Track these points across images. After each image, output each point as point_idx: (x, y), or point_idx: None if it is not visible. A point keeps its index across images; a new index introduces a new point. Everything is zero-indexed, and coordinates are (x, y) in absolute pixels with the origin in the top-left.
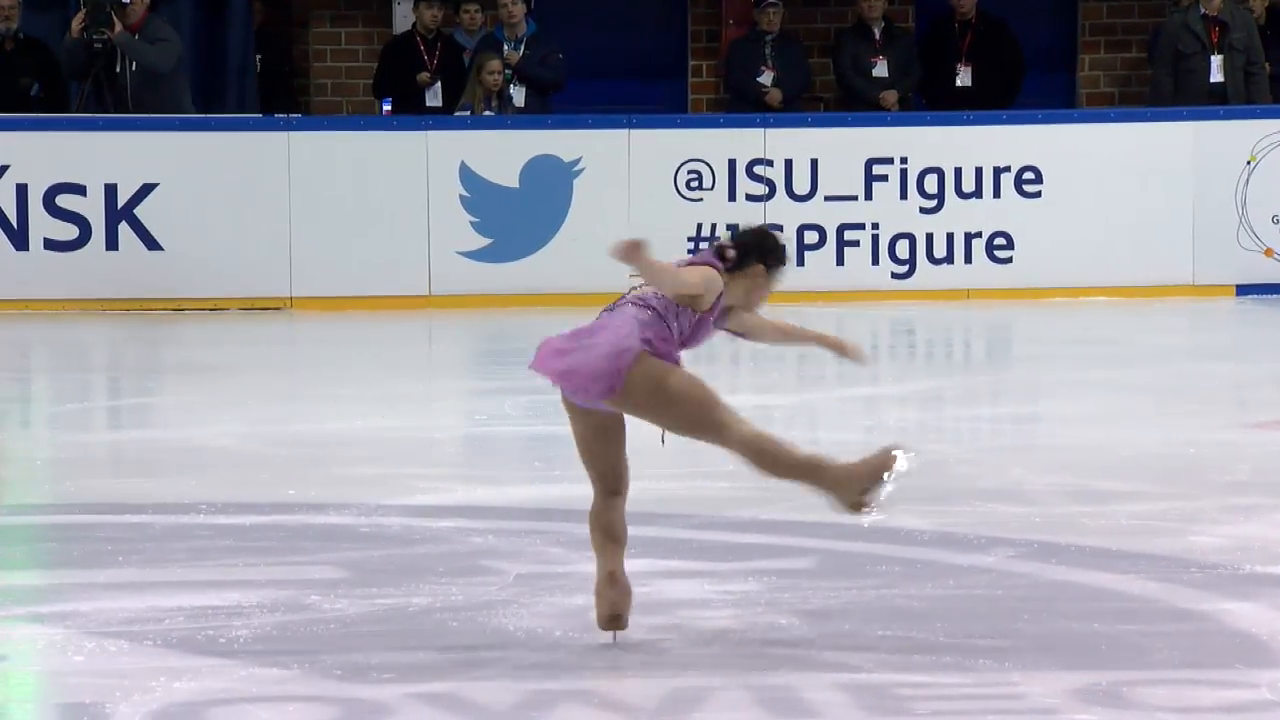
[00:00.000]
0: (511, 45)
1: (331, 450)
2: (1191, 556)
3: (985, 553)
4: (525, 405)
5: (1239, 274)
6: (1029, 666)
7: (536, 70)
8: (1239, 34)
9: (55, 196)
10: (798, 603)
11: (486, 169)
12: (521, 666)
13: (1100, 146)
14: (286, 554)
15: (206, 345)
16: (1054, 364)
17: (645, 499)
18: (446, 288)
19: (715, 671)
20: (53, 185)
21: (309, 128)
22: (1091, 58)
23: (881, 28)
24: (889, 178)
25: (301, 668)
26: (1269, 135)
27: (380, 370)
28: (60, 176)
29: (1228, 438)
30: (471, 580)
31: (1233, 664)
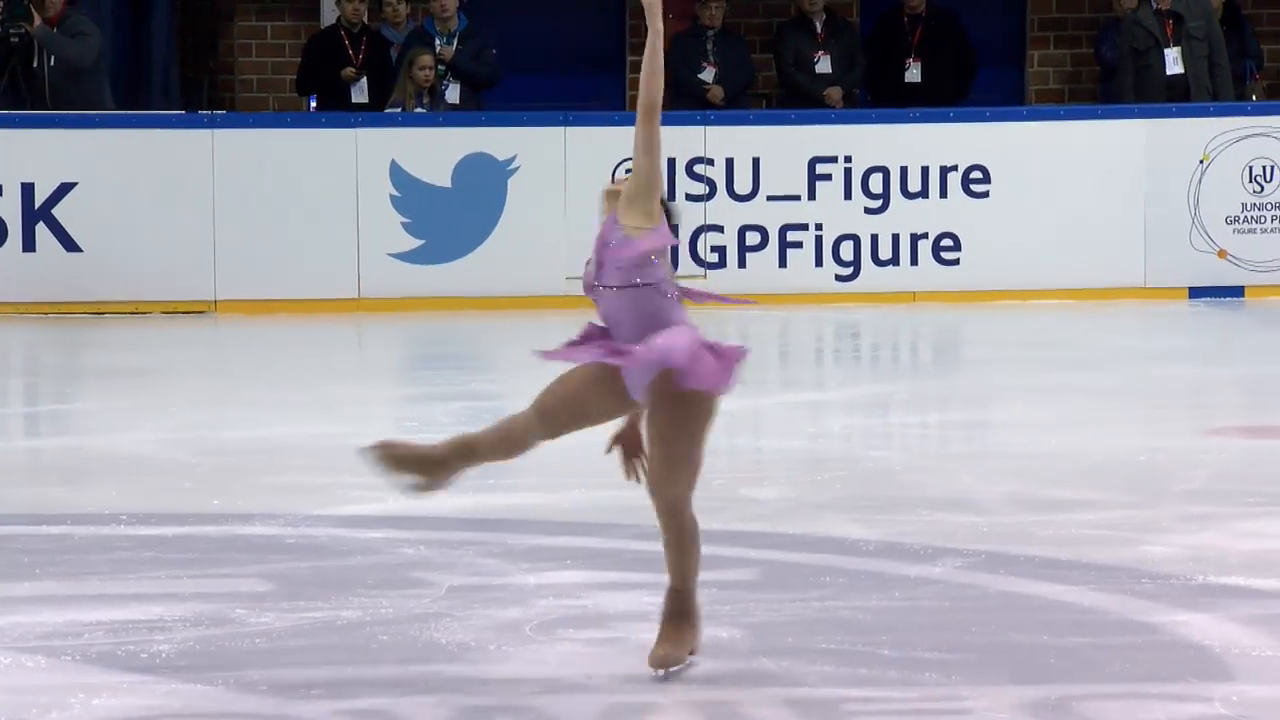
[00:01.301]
0: (444, 40)
1: (258, 458)
2: (1144, 567)
3: (933, 563)
4: (457, 412)
5: (1192, 276)
6: (977, 680)
7: (471, 66)
8: (1196, 23)
9: None
10: (739, 615)
11: (418, 168)
12: (455, 682)
13: (1050, 145)
14: (211, 566)
15: (128, 349)
16: (1003, 368)
17: (583, 509)
18: (376, 290)
19: (654, 687)
20: None
21: (234, 125)
22: (1041, 53)
23: (824, 20)
24: (833, 177)
25: (227, 684)
26: (1222, 134)
27: (308, 376)
28: None
29: (1182, 444)
30: (403, 593)
31: (1185, 677)
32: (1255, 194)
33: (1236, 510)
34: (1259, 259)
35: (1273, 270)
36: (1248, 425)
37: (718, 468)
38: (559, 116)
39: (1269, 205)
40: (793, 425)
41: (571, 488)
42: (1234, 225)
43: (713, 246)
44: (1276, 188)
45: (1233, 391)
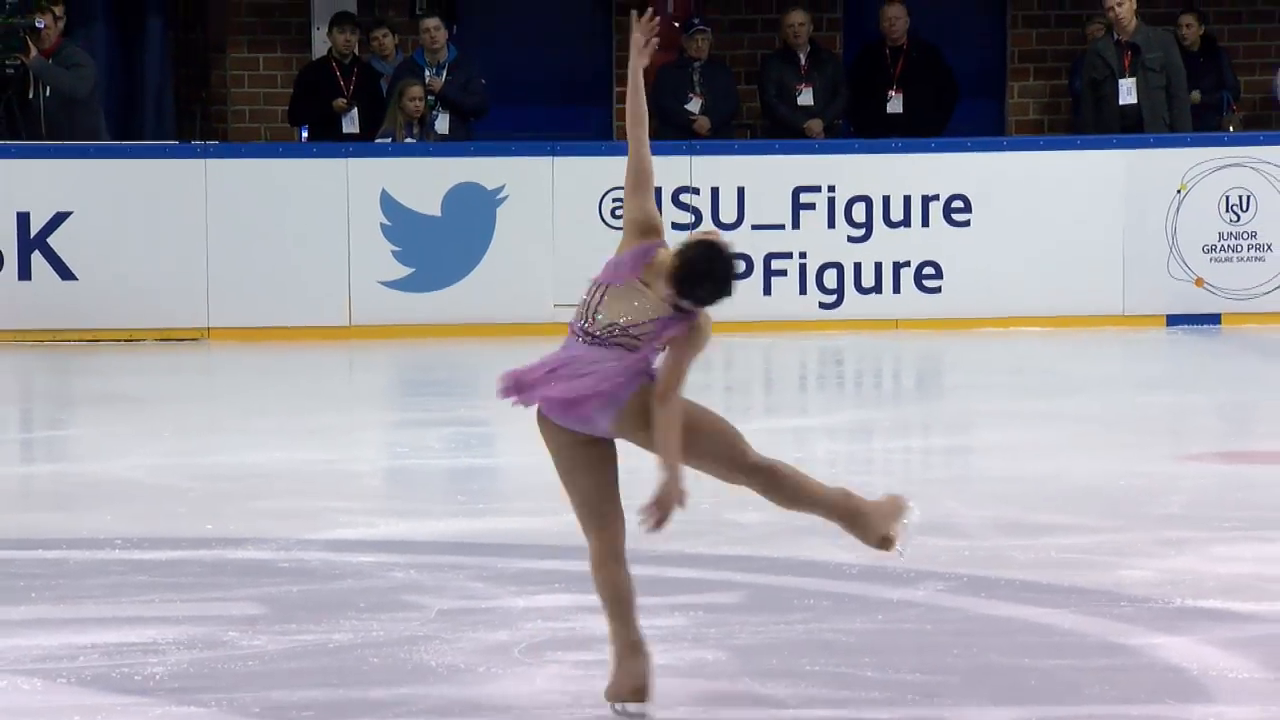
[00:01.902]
0: (433, 71)
1: (250, 483)
2: (1122, 590)
3: (915, 587)
4: (447, 437)
5: (1170, 304)
6: (958, 702)
7: (460, 96)
8: (1154, 54)
9: None
10: (724, 638)
11: (408, 197)
12: (445, 703)
13: (1030, 175)
14: (204, 590)
15: (122, 376)
16: (984, 395)
17: (570, 533)
18: (367, 318)
19: (641, 708)
20: None
21: (226, 155)
22: (1020, 85)
23: (808, 53)
24: (816, 206)
25: (219, 706)
26: (1200, 164)
27: (300, 402)
28: None
29: (1160, 470)
30: (393, 616)
31: (1163, 699)
32: (1232, 223)
33: (1213, 535)
34: (1236, 287)
35: (1249, 298)
36: (1224, 451)
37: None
38: (546, 147)
39: (1245, 234)
40: (777, 451)
41: (559, 512)
42: (1211, 254)
43: None
44: (1253, 217)
45: (1210, 418)
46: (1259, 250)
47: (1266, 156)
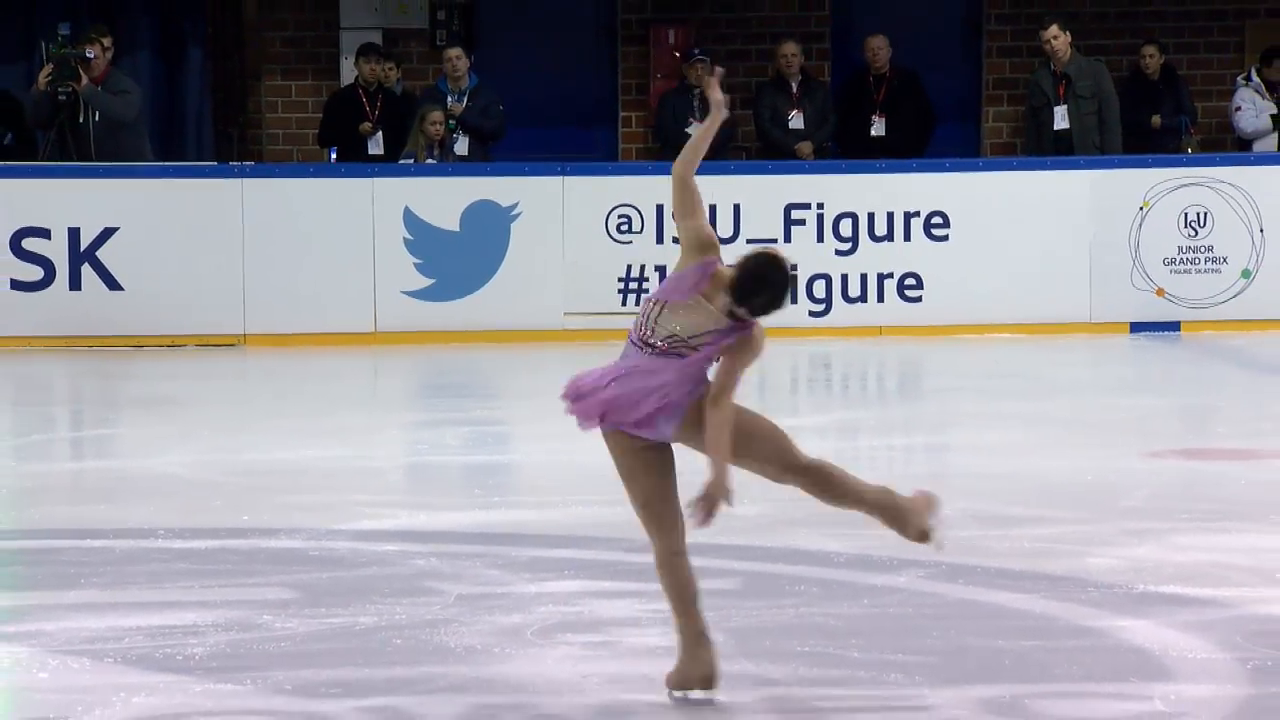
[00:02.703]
0: (455, 97)
1: (282, 478)
2: (1089, 577)
3: (898, 574)
4: (465, 436)
5: (1133, 312)
6: (938, 680)
7: (478, 120)
8: (1084, 84)
9: (21, 240)
10: (721, 620)
11: (429, 213)
12: (462, 681)
13: (1004, 193)
14: (240, 576)
15: (164, 380)
16: (962, 397)
17: (580, 524)
18: (391, 325)
19: (645, 686)
20: (19, 229)
21: (261, 175)
22: (994, 110)
23: (799, 81)
24: (806, 222)
25: (254, 683)
26: (1161, 184)
27: (328, 403)
28: (26, 221)
29: (1124, 466)
30: (415, 600)
31: (1128, 677)
32: (1190, 238)
33: (1174, 526)
34: (1194, 297)
35: (1207, 307)
36: (1184, 449)
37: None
38: (557, 167)
39: (1203, 248)
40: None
41: (569, 504)
42: (1171, 266)
43: None
44: (1210, 232)
45: (1171, 418)
46: (1216, 263)
47: (1222, 176)
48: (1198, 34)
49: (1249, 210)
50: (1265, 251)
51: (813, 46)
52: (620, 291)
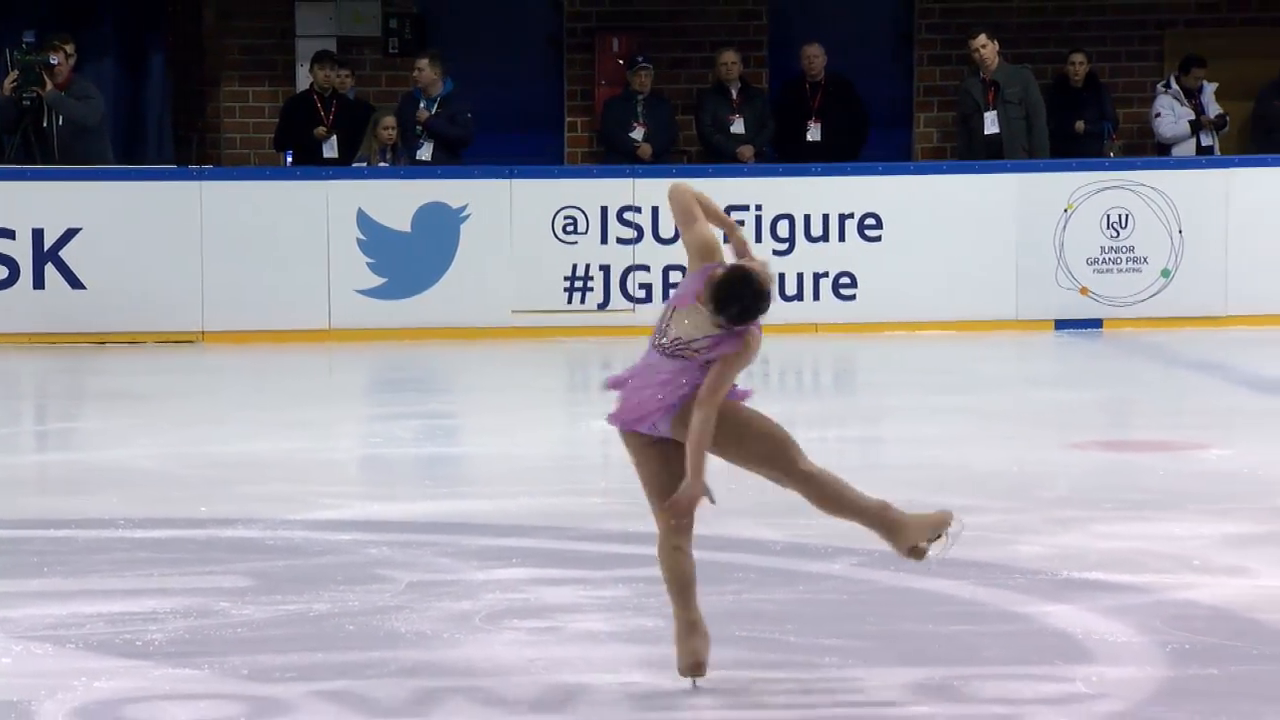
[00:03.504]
0: (427, 104)
1: (240, 470)
2: (1016, 564)
3: (833, 561)
4: (417, 429)
5: (1057, 310)
6: (871, 663)
7: (443, 127)
8: (1012, 90)
9: None
10: (663, 607)
11: (381, 215)
12: (413, 666)
13: (934, 196)
14: (198, 564)
15: (125, 375)
16: (894, 391)
17: (528, 514)
18: (345, 322)
19: (588, 669)
20: None
21: (219, 177)
22: (925, 116)
23: (738, 88)
24: (745, 223)
25: (211, 668)
26: (1084, 186)
27: (285, 397)
28: None
29: (1050, 457)
30: (367, 588)
31: (1053, 660)
32: (1112, 239)
33: (1096, 514)
34: (1116, 295)
35: (1128, 305)
36: (1106, 440)
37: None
38: (505, 170)
39: (1124, 249)
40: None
41: (517, 495)
42: (1094, 266)
43: (640, 284)
44: (1131, 233)
45: (1093, 411)
46: (1136, 263)
47: (1143, 180)
48: (1119, 43)
49: (1168, 212)
50: (1184, 252)
51: (751, 55)
52: (566, 290)
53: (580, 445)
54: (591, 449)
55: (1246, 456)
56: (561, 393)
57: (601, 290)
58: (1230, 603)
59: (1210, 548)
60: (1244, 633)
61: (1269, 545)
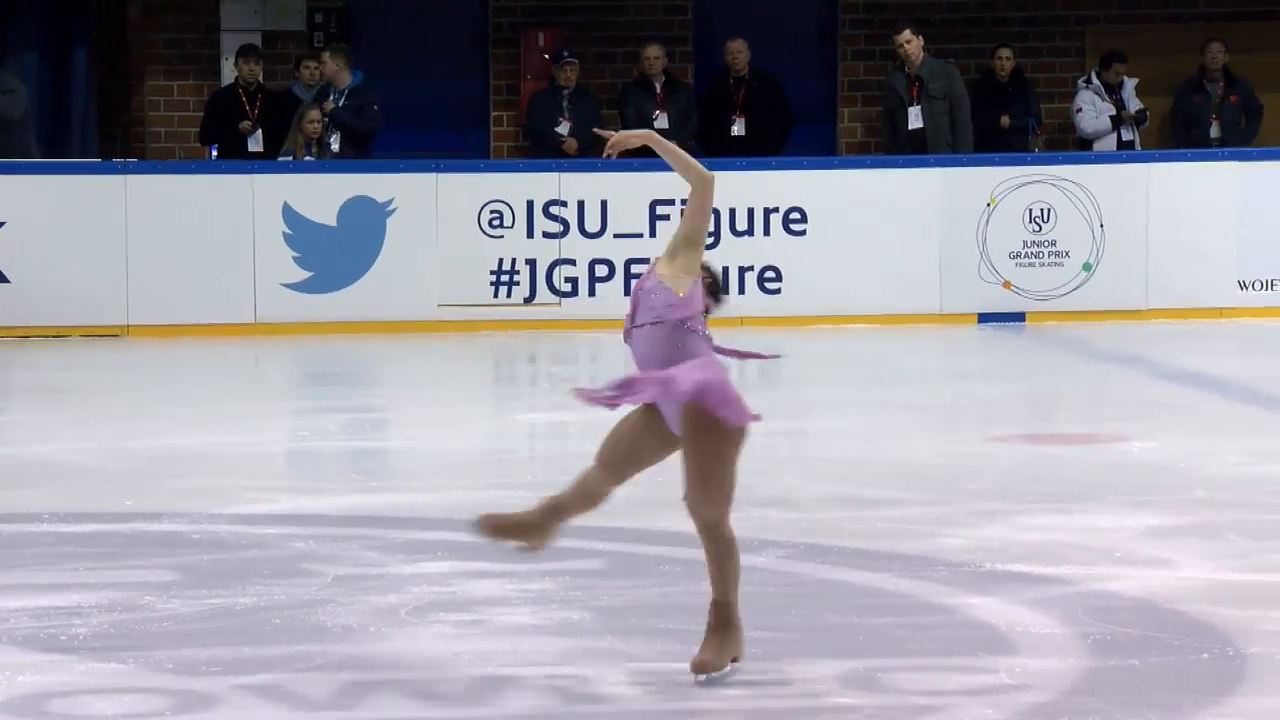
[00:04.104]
0: (334, 96)
1: (166, 464)
2: (941, 556)
3: (759, 554)
4: (344, 423)
5: (980, 304)
6: (797, 655)
7: (349, 119)
8: (937, 85)
9: None
10: (589, 600)
11: (307, 209)
12: (339, 659)
13: (858, 190)
14: (124, 559)
15: (51, 369)
16: (819, 384)
17: (454, 507)
18: (271, 316)
19: (515, 662)
20: None
21: (144, 171)
22: (850, 111)
23: (663, 83)
24: (670, 217)
25: (137, 662)
26: (1006, 181)
27: (210, 392)
28: None
29: (973, 450)
30: (293, 581)
31: (976, 652)
32: (1034, 233)
33: (1019, 507)
34: (1038, 289)
35: (1050, 299)
36: (1028, 433)
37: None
38: (431, 164)
39: (1046, 243)
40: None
41: (443, 489)
42: (1016, 260)
43: (566, 278)
44: (1053, 227)
45: (1015, 404)
46: (1058, 257)
47: (1064, 174)
48: (1041, 39)
49: (1090, 207)
50: (1105, 246)
51: (676, 49)
52: (492, 284)
53: (507, 439)
54: (518, 442)
55: (1167, 449)
56: (488, 386)
57: (528, 284)
58: (1152, 594)
59: (1132, 540)
60: (1165, 624)
61: (1190, 537)
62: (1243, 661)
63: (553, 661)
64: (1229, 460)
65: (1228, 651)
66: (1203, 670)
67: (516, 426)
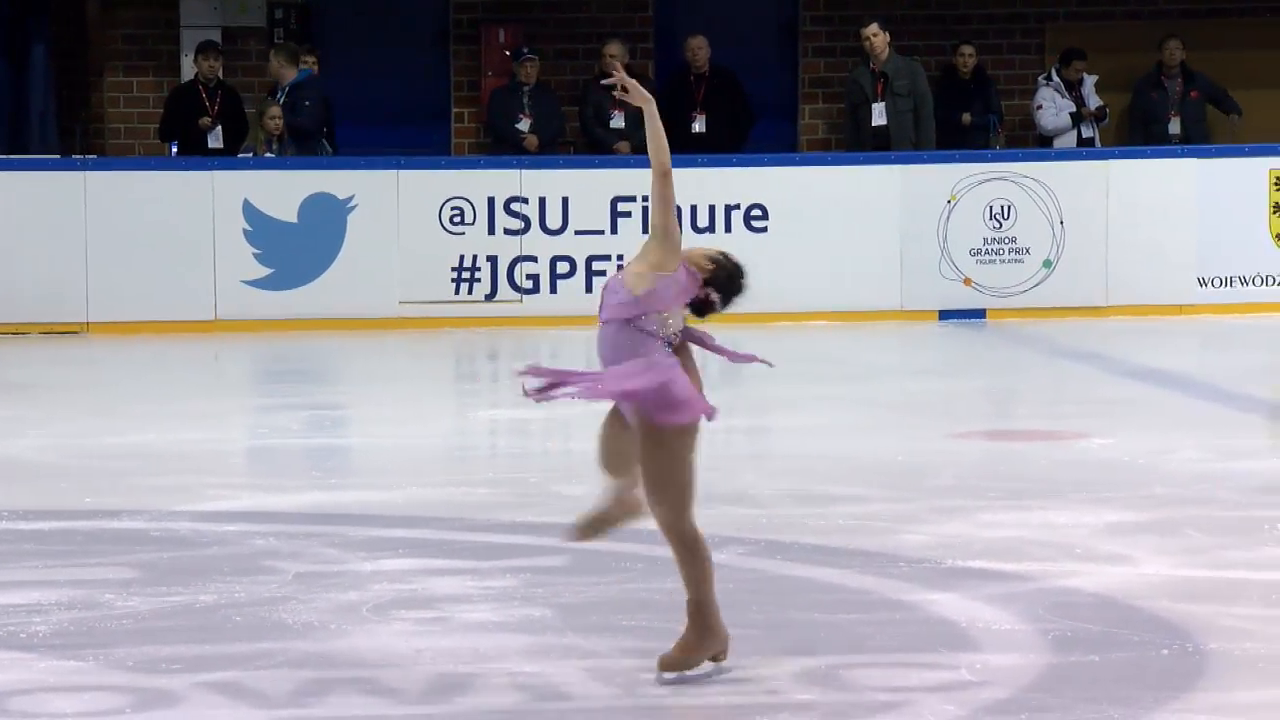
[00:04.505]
0: (280, 94)
1: (126, 461)
2: (901, 553)
3: (719, 550)
4: (305, 420)
5: (941, 300)
6: (758, 652)
7: (288, 116)
8: (901, 82)
9: None
10: (551, 597)
11: (267, 205)
12: (300, 656)
13: (819, 187)
14: (84, 556)
15: (10, 366)
16: (780, 381)
17: (415, 505)
18: (231, 313)
19: (477, 659)
20: None
21: (104, 168)
22: (811, 108)
23: None
24: (632, 214)
25: (97, 660)
26: (967, 178)
27: (171, 389)
28: None
29: (934, 446)
30: (254, 579)
31: (936, 648)
32: (995, 230)
33: (980, 503)
34: (999, 285)
35: (1010, 295)
36: (990, 430)
37: (532, 466)
38: (393, 161)
39: (1007, 240)
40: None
41: (404, 486)
42: (977, 256)
43: (528, 275)
44: (1013, 224)
45: (977, 401)
46: (1019, 253)
47: (1025, 171)
48: (1001, 36)
49: (1050, 204)
50: (1065, 243)
51: (637, 46)
52: (453, 281)
53: (468, 436)
54: (479, 439)
55: (1127, 445)
56: (449, 383)
57: (489, 281)
58: (1111, 590)
59: (1092, 536)
60: (1125, 620)
61: (1149, 533)
62: (1202, 657)
63: (514, 659)
64: (1188, 457)
65: (1187, 647)
66: (1162, 666)
67: (477, 423)
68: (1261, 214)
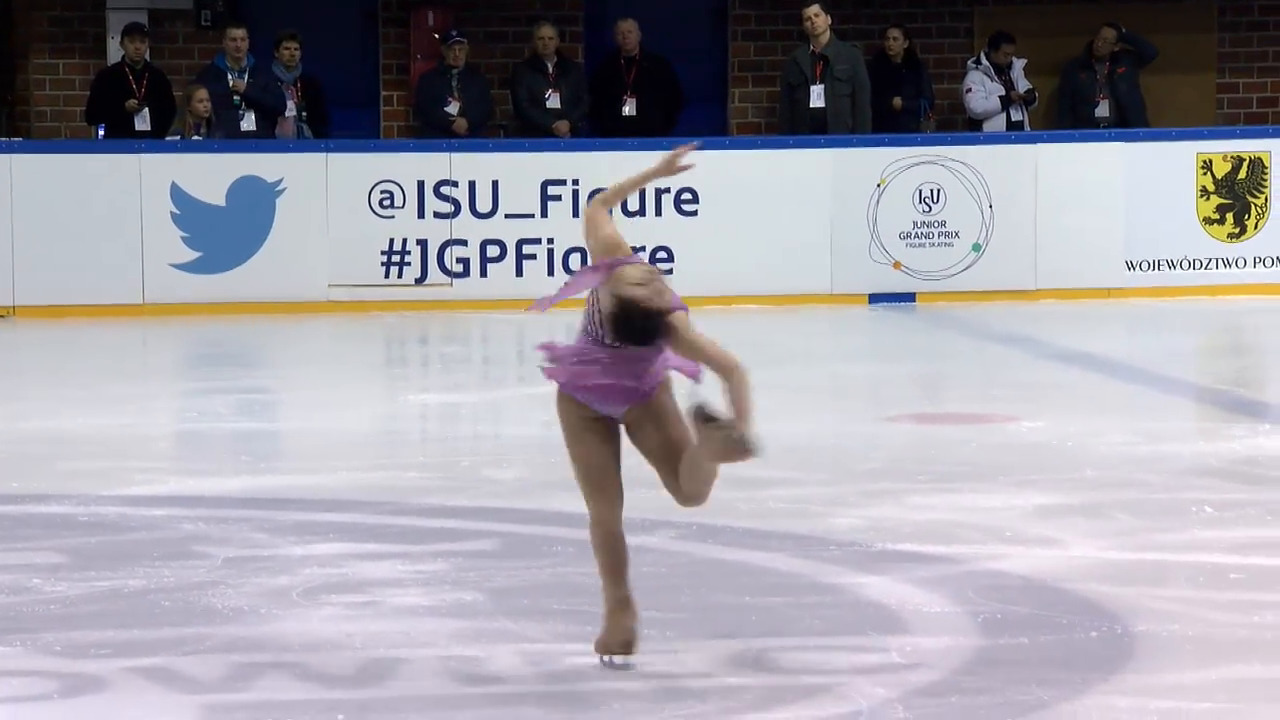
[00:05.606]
0: (235, 74)
1: (53, 446)
2: (832, 536)
3: (651, 534)
4: (232, 404)
5: (871, 284)
6: (689, 635)
7: (261, 96)
8: (842, 66)
9: None
10: (481, 581)
11: (195, 188)
12: (230, 641)
13: (750, 171)
14: (10, 541)
15: None
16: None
17: (345, 489)
18: (159, 297)
19: (407, 644)
20: None
21: (30, 151)
22: (740, 91)
23: (554, 62)
24: (562, 197)
25: (24, 645)
26: (897, 161)
27: (99, 373)
28: None
29: (863, 430)
30: (183, 563)
31: (867, 631)
32: (924, 213)
33: (909, 486)
34: (928, 269)
35: (940, 279)
36: (919, 413)
37: (463, 450)
38: (321, 144)
39: (936, 223)
40: (529, 415)
41: (334, 470)
42: (907, 240)
43: (458, 259)
44: (943, 208)
45: (906, 384)
46: (948, 237)
47: (954, 155)
48: (930, 19)
49: (979, 187)
50: (994, 227)
51: (567, 29)
52: (383, 265)
53: (398, 420)
54: (410, 423)
55: (1055, 429)
56: (379, 367)
57: (419, 264)
58: (1040, 573)
59: (1021, 519)
60: (1053, 602)
61: (1078, 516)
62: (1130, 639)
63: (445, 643)
64: (1116, 440)
65: (1115, 629)
66: (1091, 648)
67: (407, 407)
68: (1189, 198)
